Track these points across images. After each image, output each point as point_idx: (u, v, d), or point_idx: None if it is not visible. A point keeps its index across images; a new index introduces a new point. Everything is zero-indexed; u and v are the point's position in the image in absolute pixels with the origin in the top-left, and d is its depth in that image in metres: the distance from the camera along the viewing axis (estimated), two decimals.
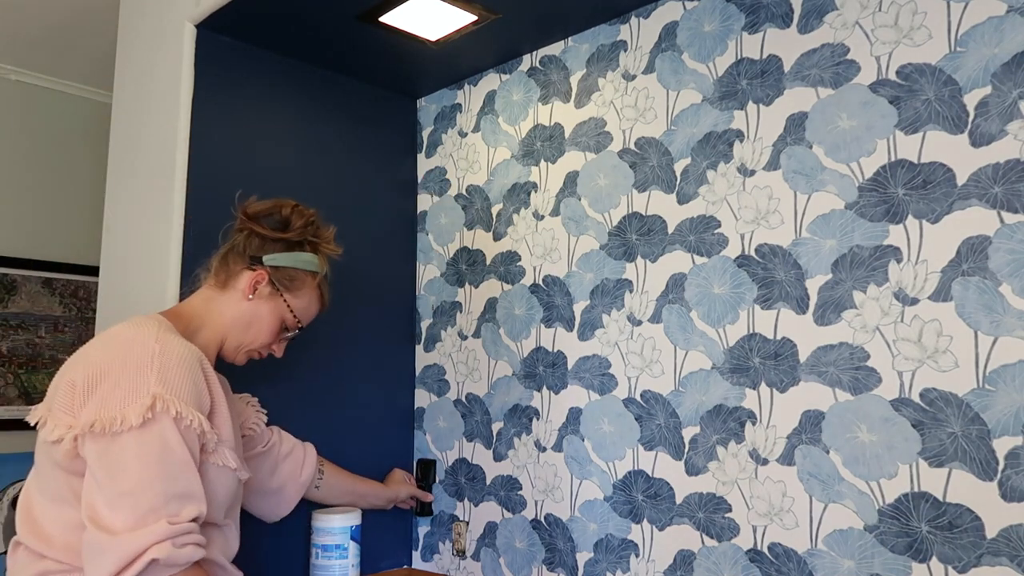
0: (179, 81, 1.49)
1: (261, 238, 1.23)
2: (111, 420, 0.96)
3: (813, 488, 1.16)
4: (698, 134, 1.36)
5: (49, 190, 2.64)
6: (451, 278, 1.76)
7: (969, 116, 1.07)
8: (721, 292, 1.30)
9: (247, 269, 1.22)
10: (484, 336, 1.67)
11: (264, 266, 1.22)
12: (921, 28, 1.12)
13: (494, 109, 1.71)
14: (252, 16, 1.48)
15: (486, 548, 1.61)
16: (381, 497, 1.62)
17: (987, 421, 1.01)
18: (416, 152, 1.89)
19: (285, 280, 1.24)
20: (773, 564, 1.19)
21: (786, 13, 1.26)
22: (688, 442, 1.31)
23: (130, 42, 1.72)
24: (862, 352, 1.13)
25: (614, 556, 1.39)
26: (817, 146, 1.21)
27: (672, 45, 1.41)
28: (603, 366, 1.45)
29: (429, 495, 1.71)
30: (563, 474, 1.49)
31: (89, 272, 2.66)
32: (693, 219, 1.35)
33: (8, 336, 2.51)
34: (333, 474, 1.53)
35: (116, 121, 1.72)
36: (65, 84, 2.69)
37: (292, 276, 1.24)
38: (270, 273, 1.22)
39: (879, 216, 1.13)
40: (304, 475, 1.45)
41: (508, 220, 1.65)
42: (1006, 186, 1.03)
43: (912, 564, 1.06)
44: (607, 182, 1.48)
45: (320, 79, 1.70)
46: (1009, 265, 1.02)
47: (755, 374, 1.24)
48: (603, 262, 1.47)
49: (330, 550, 1.46)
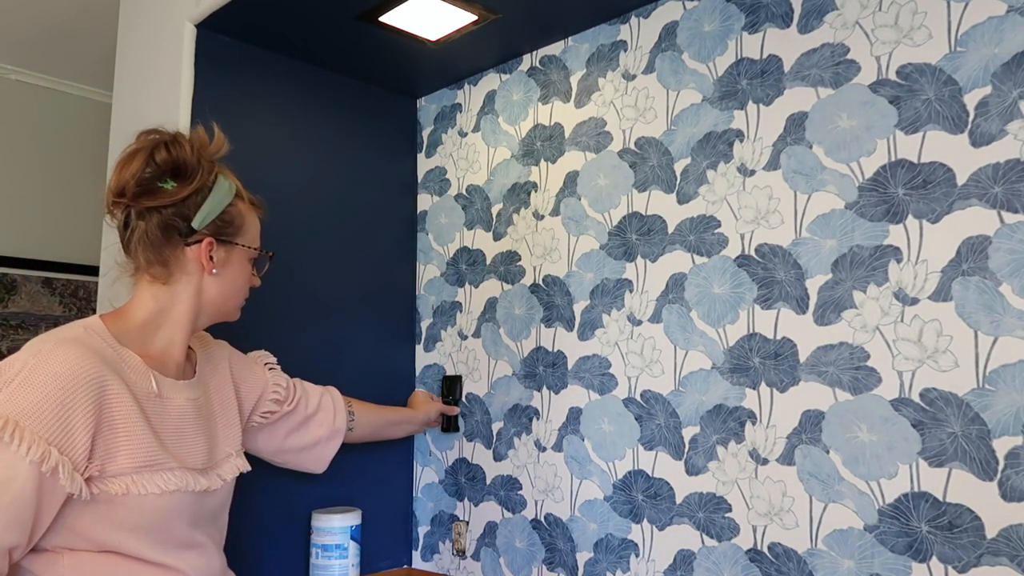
0: (179, 81, 1.49)
1: (171, 207, 1.03)
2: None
3: (813, 488, 1.16)
4: (698, 134, 1.36)
5: (49, 190, 2.64)
6: (451, 278, 1.76)
7: (969, 116, 1.07)
8: (721, 292, 1.30)
9: (184, 247, 1.05)
10: (484, 336, 1.67)
11: (201, 230, 1.05)
12: (921, 28, 1.12)
13: (494, 109, 1.71)
14: (252, 16, 1.48)
15: (486, 548, 1.61)
16: (414, 421, 1.61)
17: (987, 421, 1.01)
18: (416, 152, 1.89)
19: (227, 229, 1.09)
20: (773, 564, 1.19)
21: (786, 13, 1.26)
22: (688, 442, 1.31)
23: (130, 42, 1.72)
24: (862, 352, 1.13)
25: (614, 556, 1.39)
26: (817, 146, 1.21)
27: (672, 45, 1.41)
28: (603, 366, 1.45)
29: (455, 408, 1.69)
30: (563, 474, 1.49)
31: (89, 272, 2.66)
32: (693, 219, 1.35)
33: (8, 336, 2.51)
34: (363, 412, 1.50)
35: (116, 121, 1.72)
36: (65, 84, 2.69)
37: (229, 218, 1.09)
38: (210, 233, 1.06)
39: (879, 216, 1.13)
40: (337, 422, 1.42)
41: (508, 220, 1.66)
42: (1006, 186, 1.03)
43: (912, 564, 1.06)
44: (607, 182, 1.48)
45: (320, 79, 1.70)
46: (1009, 265, 1.02)
47: (755, 374, 1.24)
48: (603, 262, 1.47)
49: (330, 550, 1.46)
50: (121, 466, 0.96)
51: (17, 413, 0.88)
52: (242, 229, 1.11)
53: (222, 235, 1.08)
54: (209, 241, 1.06)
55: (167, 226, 1.04)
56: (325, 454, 1.42)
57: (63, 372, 0.91)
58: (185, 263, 1.06)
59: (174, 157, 1.03)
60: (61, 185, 2.67)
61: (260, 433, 1.34)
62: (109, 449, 0.95)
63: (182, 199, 1.03)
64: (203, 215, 1.05)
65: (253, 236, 1.14)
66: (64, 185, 2.67)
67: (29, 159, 2.61)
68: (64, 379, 0.91)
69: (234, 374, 1.25)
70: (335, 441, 1.43)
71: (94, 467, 0.94)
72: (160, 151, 1.03)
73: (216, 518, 1.13)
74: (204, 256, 1.06)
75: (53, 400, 0.90)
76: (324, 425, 1.41)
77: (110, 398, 0.95)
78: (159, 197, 1.02)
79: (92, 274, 2.64)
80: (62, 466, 0.89)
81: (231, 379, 1.24)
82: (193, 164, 1.04)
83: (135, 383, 1.00)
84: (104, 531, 0.96)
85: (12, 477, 0.87)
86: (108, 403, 0.95)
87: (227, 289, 1.11)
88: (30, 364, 0.91)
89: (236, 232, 1.10)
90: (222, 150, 1.10)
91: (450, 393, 1.70)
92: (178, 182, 1.03)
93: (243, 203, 1.12)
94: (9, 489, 0.87)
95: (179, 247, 1.05)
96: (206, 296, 1.09)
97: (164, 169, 1.03)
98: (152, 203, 1.02)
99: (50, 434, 0.89)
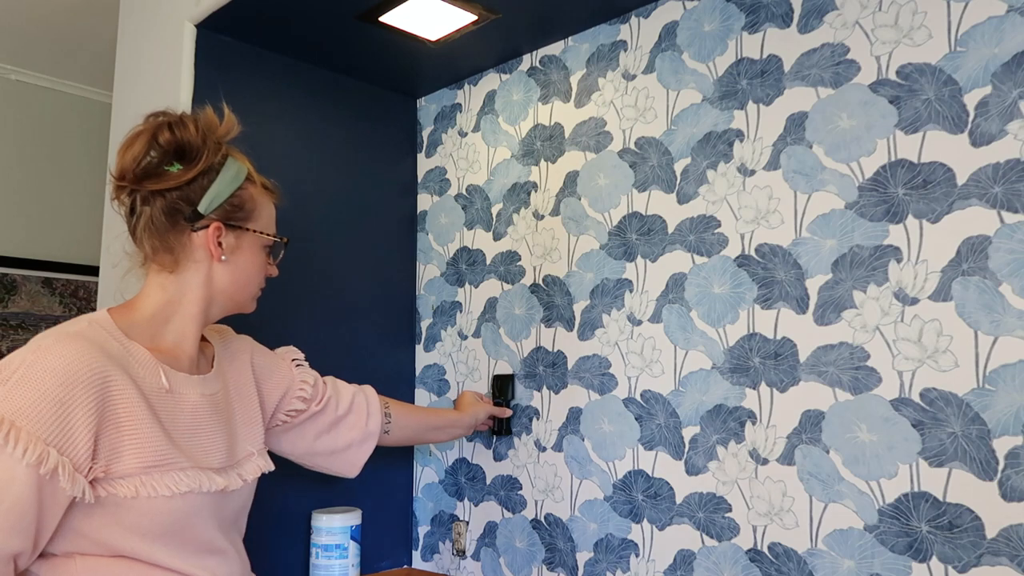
0: (179, 81, 1.49)
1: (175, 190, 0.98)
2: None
3: (813, 488, 1.16)
4: (698, 134, 1.36)
5: (49, 190, 2.64)
6: (451, 278, 1.76)
7: (969, 116, 1.07)
8: (721, 292, 1.30)
9: (190, 232, 1.00)
10: (484, 336, 1.67)
11: (208, 215, 1.00)
12: (921, 28, 1.12)
13: (494, 109, 1.71)
14: (252, 16, 1.48)
15: (486, 548, 1.61)
16: (461, 424, 1.49)
17: (987, 421, 1.01)
18: (416, 152, 1.89)
19: (237, 213, 1.03)
20: (773, 564, 1.19)
21: (786, 13, 1.26)
22: (688, 442, 1.31)
23: (130, 42, 1.72)
24: (862, 352, 1.13)
25: (614, 556, 1.39)
26: (817, 146, 1.21)
27: (672, 45, 1.41)
28: (603, 366, 1.45)
29: (508, 411, 1.57)
30: (563, 474, 1.49)
31: (89, 272, 2.66)
32: (693, 219, 1.35)
33: (8, 336, 2.51)
34: (402, 415, 1.41)
35: (116, 121, 1.72)
36: (65, 84, 2.69)
37: (239, 203, 1.03)
38: (219, 218, 1.01)
39: (879, 216, 1.13)
40: (371, 424, 1.33)
41: (508, 220, 1.66)
42: (1006, 186, 1.03)
43: (912, 564, 1.06)
44: (607, 182, 1.48)
45: (320, 79, 1.70)
46: (1009, 265, 1.02)
47: (755, 374, 1.24)
48: (603, 262, 1.47)
49: (330, 550, 1.46)
50: (128, 466, 0.91)
51: (13, 412, 0.84)
52: (253, 214, 1.05)
53: (231, 220, 1.03)
54: (217, 226, 1.01)
55: (172, 211, 0.99)
56: (358, 458, 1.34)
57: (62, 368, 0.86)
58: (193, 250, 1.01)
59: (178, 138, 0.98)
60: (61, 185, 2.67)
61: (287, 434, 1.28)
62: (114, 448, 0.90)
63: (187, 182, 0.98)
64: (210, 198, 1.00)
65: (266, 222, 1.08)
66: (64, 185, 2.67)
67: (29, 159, 2.61)
68: (63, 375, 0.86)
69: (256, 370, 1.19)
70: (368, 444, 1.34)
71: (99, 468, 0.89)
72: (163, 132, 0.98)
73: (237, 521, 1.07)
74: (212, 242, 1.01)
75: (51, 398, 0.85)
76: (356, 428, 1.32)
77: (114, 394, 0.90)
78: (163, 180, 0.98)
79: (92, 274, 2.64)
80: (62, 467, 0.84)
81: (252, 375, 1.17)
82: (198, 145, 0.99)
83: (143, 378, 0.95)
84: (116, 536, 0.92)
85: (9, 481, 0.83)
86: (112, 400, 0.90)
87: (239, 277, 1.05)
88: (28, 361, 0.87)
89: (247, 217, 1.04)
90: (232, 132, 1.05)
91: (501, 394, 1.59)
92: (183, 164, 0.99)
93: (254, 187, 1.06)
94: (8, 494, 0.83)
95: (185, 233, 1.00)
96: (216, 285, 1.03)
97: (168, 151, 0.99)
98: (156, 186, 0.98)
99: (48, 434, 0.84)
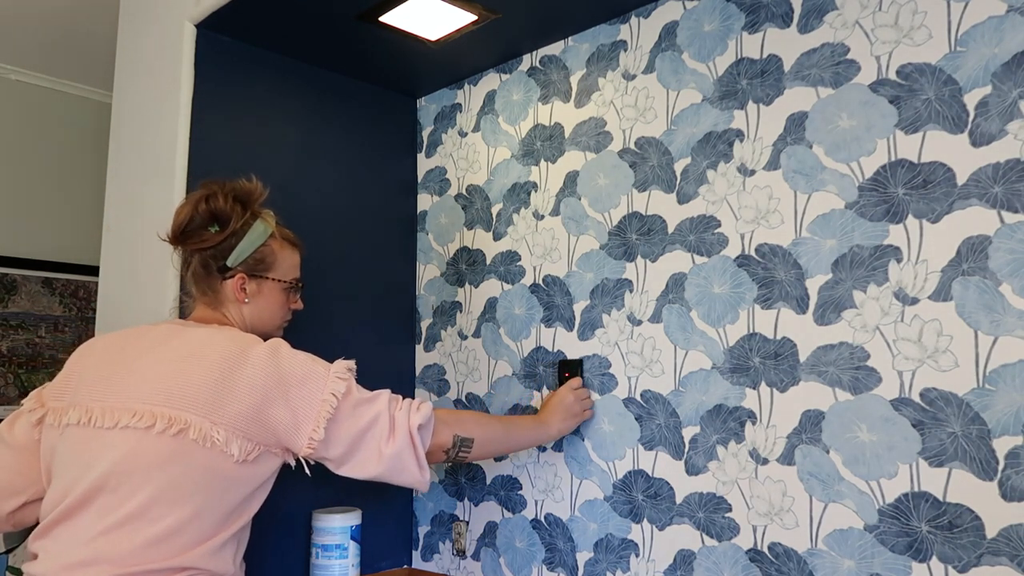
0: (179, 81, 1.49)
1: (210, 249, 1.22)
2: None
3: (813, 488, 1.16)
4: (698, 134, 1.36)
5: (49, 190, 2.64)
6: (451, 278, 1.76)
7: (969, 116, 1.07)
8: (721, 292, 1.30)
9: (222, 280, 1.24)
10: (484, 336, 1.67)
11: (234, 268, 1.24)
12: (921, 28, 1.12)
13: (494, 109, 1.71)
14: (252, 16, 1.48)
15: (486, 548, 1.61)
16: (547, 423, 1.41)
17: (987, 421, 1.01)
18: (416, 152, 1.89)
19: (259, 265, 1.26)
20: (773, 564, 1.19)
21: (786, 13, 1.26)
22: (688, 442, 1.31)
23: (130, 42, 1.72)
24: (862, 352, 1.13)
25: (614, 556, 1.39)
26: (817, 146, 1.21)
27: (672, 45, 1.41)
28: (603, 366, 1.45)
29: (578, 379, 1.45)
30: (563, 474, 1.49)
31: (89, 272, 2.66)
32: (693, 219, 1.35)
33: (8, 336, 2.51)
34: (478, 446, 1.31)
35: (116, 121, 1.72)
36: (65, 84, 2.69)
37: (260, 257, 1.26)
38: (243, 270, 1.24)
39: (879, 216, 1.13)
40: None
41: (508, 220, 1.66)
42: (1006, 186, 1.03)
43: (912, 564, 1.06)
44: (607, 182, 1.48)
45: (320, 79, 1.70)
46: (1009, 265, 1.02)
47: (755, 374, 1.24)
48: (603, 262, 1.47)
49: (330, 550, 1.46)
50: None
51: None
52: (273, 265, 1.27)
53: (253, 271, 1.25)
54: (240, 276, 1.24)
55: (207, 264, 1.23)
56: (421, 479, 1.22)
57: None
58: (226, 293, 1.24)
59: (211, 208, 1.21)
60: (61, 185, 2.67)
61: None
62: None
63: (219, 242, 1.21)
64: (235, 255, 1.23)
65: (285, 270, 1.29)
66: (64, 185, 2.67)
67: (29, 159, 2.61)
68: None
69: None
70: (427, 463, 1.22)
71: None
72: (201, 204, 1.21)
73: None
74: (237, 289, 1.24)
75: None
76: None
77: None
78: (202, 241, 1.21)
79: (92, 274, 2.64)
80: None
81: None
82: (228, 213, 1.21)
83: None
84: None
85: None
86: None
87: (263, 315, 1.28)
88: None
89: (267, 268, 1.27)
90: (258, 197, 1.26)
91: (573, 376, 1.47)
92: (219, 227, 1.22)
93: (276, 242, 1.28)
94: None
95: (218, 280, 1.24)
96: (247, 319, 1.26)
97: (205, 217, 1.22)
98: (195, 246, 1.22)
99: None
